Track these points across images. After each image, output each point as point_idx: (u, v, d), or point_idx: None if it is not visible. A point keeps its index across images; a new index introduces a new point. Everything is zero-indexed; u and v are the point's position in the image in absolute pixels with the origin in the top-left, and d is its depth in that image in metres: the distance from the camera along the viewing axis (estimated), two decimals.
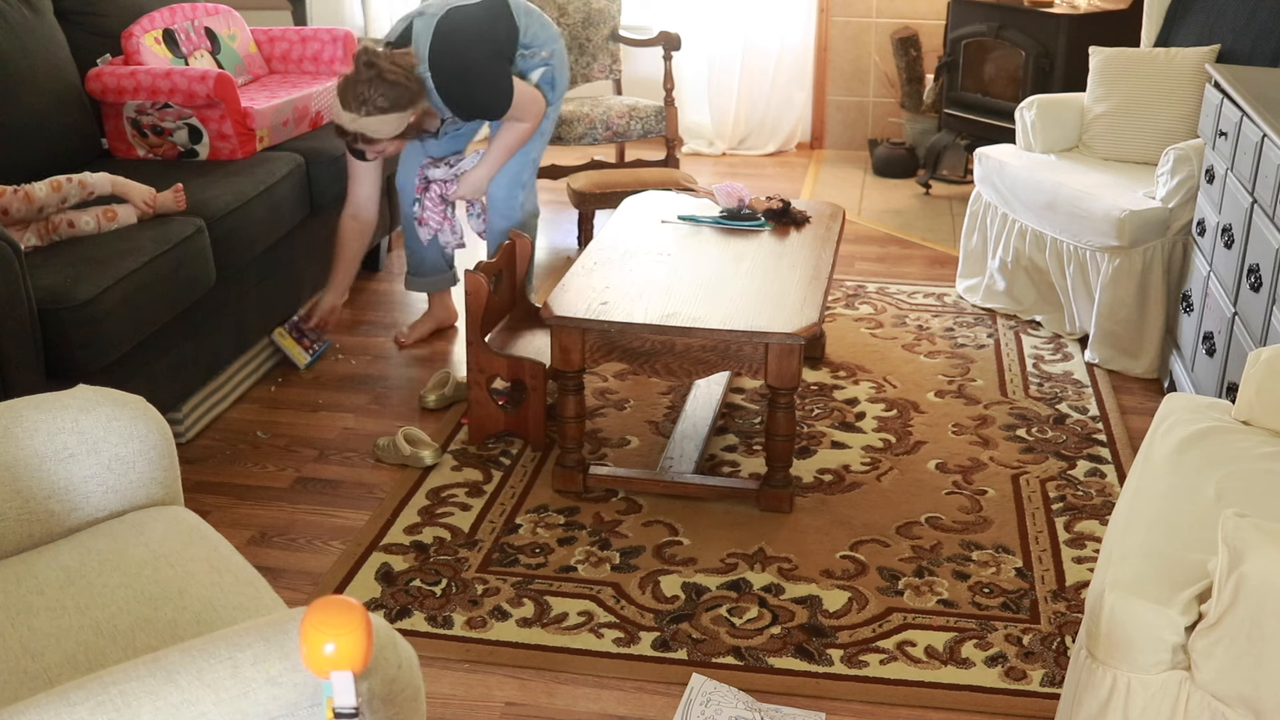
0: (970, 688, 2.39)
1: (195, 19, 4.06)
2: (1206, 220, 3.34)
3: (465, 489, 3.09)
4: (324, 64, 4.37)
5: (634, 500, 3.03)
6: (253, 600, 1.73)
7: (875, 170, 5.98)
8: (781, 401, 2.90)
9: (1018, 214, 4.04)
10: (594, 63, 5.36)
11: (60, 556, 1.80)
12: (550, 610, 2.62)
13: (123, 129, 3.74)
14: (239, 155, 3.71)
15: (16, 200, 3.00)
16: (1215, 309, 3.14)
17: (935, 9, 5.97)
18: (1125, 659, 1.75)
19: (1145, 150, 4.05)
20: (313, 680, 1.30)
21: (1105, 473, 3.18)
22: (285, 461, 3.27)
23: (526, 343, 3.46)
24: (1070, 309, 3.94)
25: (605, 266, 3.19)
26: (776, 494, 2.98)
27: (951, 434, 3.37)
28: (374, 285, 4.52)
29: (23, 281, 2.61)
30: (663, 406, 3.52)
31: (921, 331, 4.05)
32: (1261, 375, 2.26)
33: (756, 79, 6.34)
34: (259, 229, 3.50)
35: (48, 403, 1.90)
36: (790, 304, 2.94)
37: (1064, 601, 2.65)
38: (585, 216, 4.68)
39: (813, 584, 2.71)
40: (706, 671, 2.42)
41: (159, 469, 1.96)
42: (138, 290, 2.93)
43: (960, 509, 3.01)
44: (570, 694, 2.38)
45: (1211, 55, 3.96)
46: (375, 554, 2.82)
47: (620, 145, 5.60)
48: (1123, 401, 3.59)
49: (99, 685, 1.26)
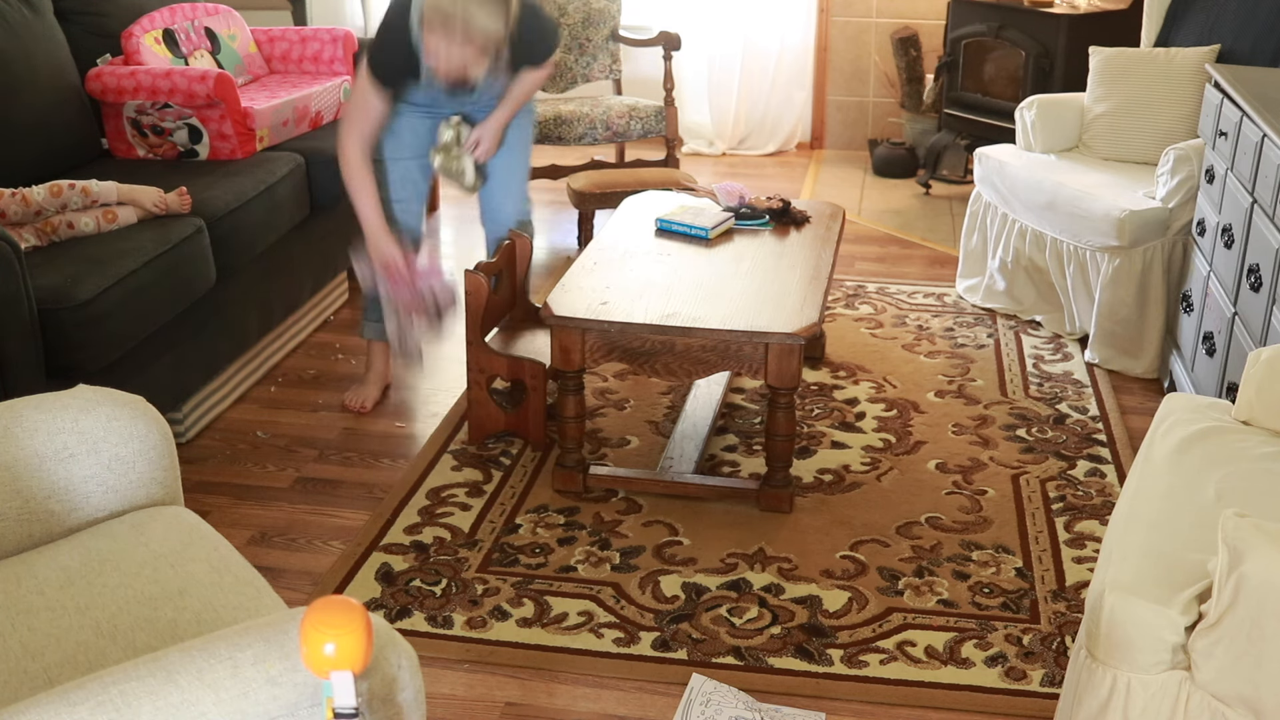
0: (970, 688, 2.39)
1: (195, 19, 4.06)
2: (1206, 220, 3.34)
3: (465, 489, 3.09)
4: (324, 64, 4.37)
5: (634, 500, 3.03)
6: (253, 600, 1.73)
7: (875, 170, 5.98)
8: (781, 401, 2.90)
9: (1018, 214, 4.04)
10: (594, 63, 5.36)
11: (60, 556, 1.80)
12: (550, 610, 2.62)
13: (123, 129, 3.74)
14: (239, 155, 3.71)
15: (14, 203, 3.00)
16: (1215, 309, 3.14)
17: (935, 9, 5.97)
18: (1125, 659, 1.75)
19: (1145, 150, 4.05)
20: (313, 680, 1.30)
21: (1105, 473, 3.18)
22: (285, 461, 3.27)
23: (526, 343, 3.46)
24: (1070, 309, 3.94)
25: (605, 266, 3.19)
26: (776, 494, 2.98)
27: (951, 434, 3.37)
28: None
29: (23, 281, 2.61)
30: (663, 406, 3.52)
31: (921, 331, 4.05)
32: (1261, 375, 2.26)
33: (756, 79, 6.34)
34: (259, 229, 3.50)
35: (48, 403, 1.90)
36: (790, 304, 2.94)
37: (1064, 601, 2.65)
38: (585, 216, 4.68)
39: (813, 584, 2.71)
40: (706, 671, 2.42)
41: (159, 469, 1.96)
42: (138, 290, 2.93)
43: (960, 509, 3.01)
44: (570, 694, 2.38)
45: (1211, 55, 3.96)
46: (375, 554, 2.82)
47: (620, 145, 5.60)
48: (1123, 401, 3.59)
49: (99, 685, 1.26)
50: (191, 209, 3.26)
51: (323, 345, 3.99)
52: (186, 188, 3.28)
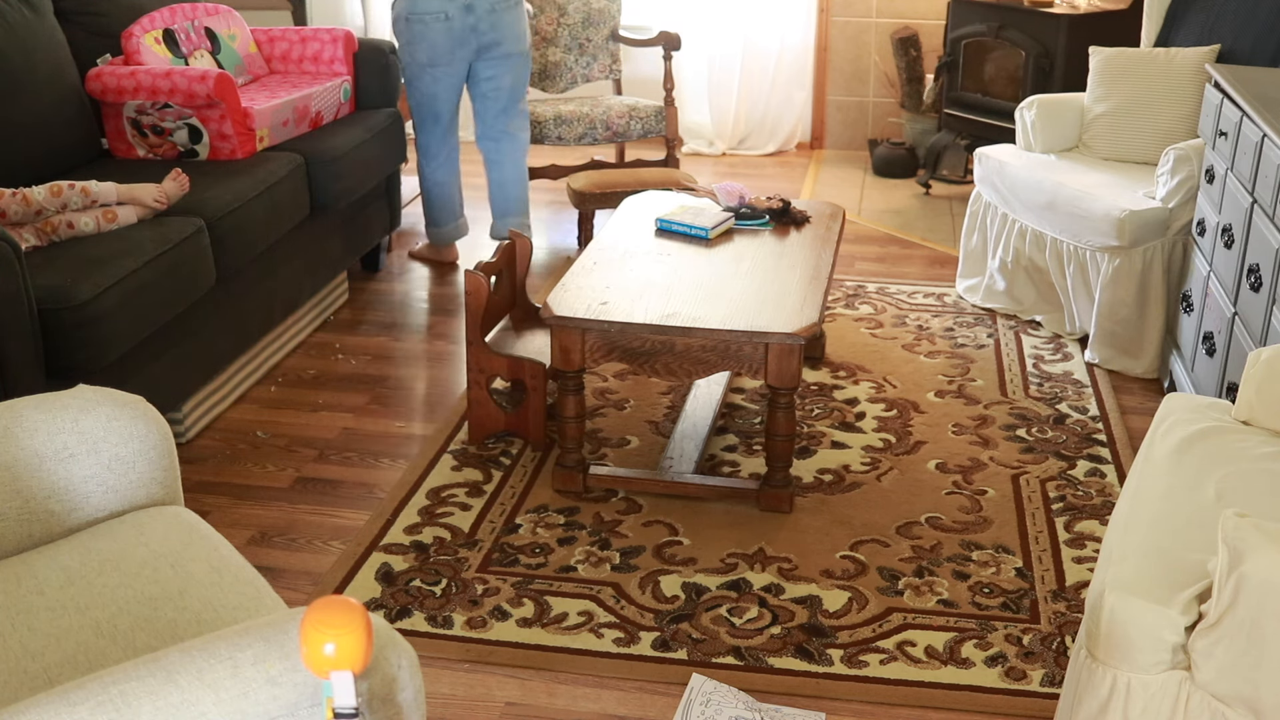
0: (970, 688, 2.39)
1: (195, 19, 4.06)
2: (1206, 220, 3.34)
3: (465, 489, 3.09)
4: (324, 64, 4.36)
5: (634, 500, 3.03)
6: (253, 600, 1.73)
7: (875, 170, 5.98)
8: (781, 401, 2.90)
9: (1018, 214, 4.04)
10: (594, 63, 5.36)
11: (60, 556, 1.80)
12: (550, 610, 2.62)
13: (123, 129, 3.74)
14: (239, 155, 3.71)
15: (15, 203, 3.00)
16: (1215, 309, 3.14)
17: (935, 9, 5.96)
18: (1125, 659, 1.75)
19: (1145, 150, 4.05)
20: (313, 680, 1.30)
21: (1105, 473, 3.18)
22: (285, 461, 3.27)
23: (526, 343, 3.46)
24: (1070, 309, 3.94)
25: (605, 266, 3.19)
26: (776, 494, 2.98)
27: (951, 434, 3.37)
28: (374, 285, 4.52)
29: (23, 281, 2.61)
30: (663, 406, 3.52)
31: (921, 331, 4.05)
32: (1261, 375, 2.26)
33: (756, 79, 6.34)
34: (259, 229, 3.50)
35: (48, 403, 1.90)
36: (790, 304, 2.94)
37: (1064, 601, 2.65)
38: (585, 216, 4.68)
39: (813, 584, 2.71)
40: (706, 671, 2.42)
41: (159, 469, 1.96)
42: (138, 290, 2.93)
43: (960, 509, 3.01)
44: (570, 694, 2.38)
45: (1211, 55, 3.96)
46: (375, 554, 2.82)
47: (620, 145, 5.60)
48: (1123, 401, 3.59)
49: (99, 685, 1.26)
50: (192, 209, 3.26)
51: (323, 345, 3.99)
52: (179, 169, 3.30)
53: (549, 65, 5.30)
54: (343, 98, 4.26)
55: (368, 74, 4.35)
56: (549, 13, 5.24)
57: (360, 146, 4.05)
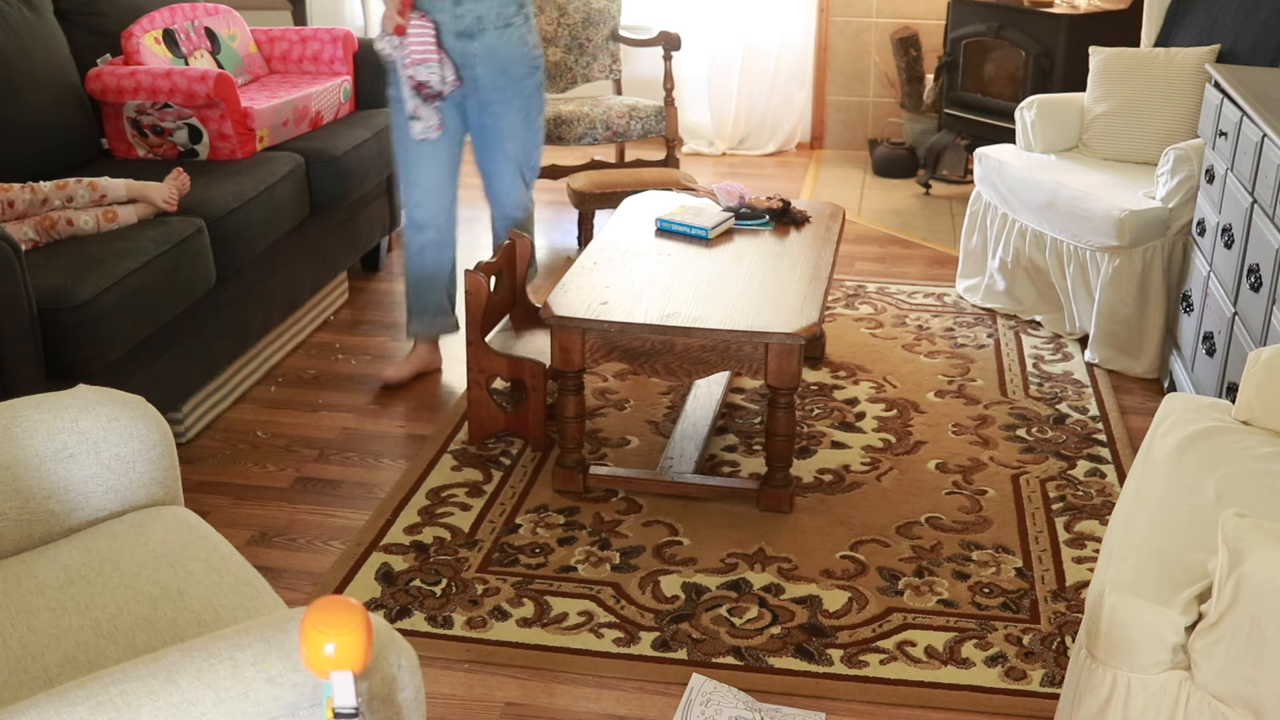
0: (970, 688, 2.39)
1: (195, 19, 4.06)
2: (1206, 220, 3.34)
3: (465, 489, 3.09)
4: (324, 64, 4.37)
5: (634, 500, 3.03)
6: (253, 600, 1.73)
7: (875, 170, 5.98)
8: (781, 401, 2.90)
9: (1018, 214, 4.04)
10: (594, 63, 5.36)
11: (60, 556, 1.80)
12: (550, 610, 2.62)
13: (123, 129, 3.74)
14: (239, 155, 3.71)
15: (24, 194, 3.02)
16: (1215, 309, 3.14)
17: (935, 9, 5.96)
18: (1125, 659, 1.75)
19: (1145, 150, 4.05)
20: (313, 680, 1.30)
21: (1105, 473, 3.18)
22: (285, 461, 3.27)
23: (526, 343, 3.46)
24: (1070, 309, 3.94)
25: (605, 266, 3.19)
26: (776, 494, 2.98)
27: (951, 434, 3.37)
28: (374, 285, 4.52)
29: (23, 281, 2.61)
30: (663, 406, 3.52)
31: (921, 331, 4.05)
32: (1261, 375, 2.26)
33: (756, 79, 6.34)
34: (259, 229, 3.50)
35: (48, 403, 1.90)
36: (790, 304, 2.94)
37: (1064, 601, 2.65)
38: (585, 216, 4.68)
39: (813, 584, 2.71)
40: (706, 671, 2.42)
41: (159, 469, 1.96)
42: (138, 290, 2.93)
43: (960, 509, 3.01)
44: (570, 694, 2.38)
45: (1211, 55, 3.96)
46: (375, 554, 2.82)
47: (620, 145, 5.60)
48: (1123, 401, 3.59)
49: (99, 685, 1.26)
50: (192, 209, 3.26)
51: (323, 345, 3.99)
52: (180, 168, 3.31)
53: (549, 65, 5.29)
54: (343, 98, 4.26)
55: (368, 74, 4.35)
56: (549, 13, 5.24)
57: (360, 146, 4.05)
